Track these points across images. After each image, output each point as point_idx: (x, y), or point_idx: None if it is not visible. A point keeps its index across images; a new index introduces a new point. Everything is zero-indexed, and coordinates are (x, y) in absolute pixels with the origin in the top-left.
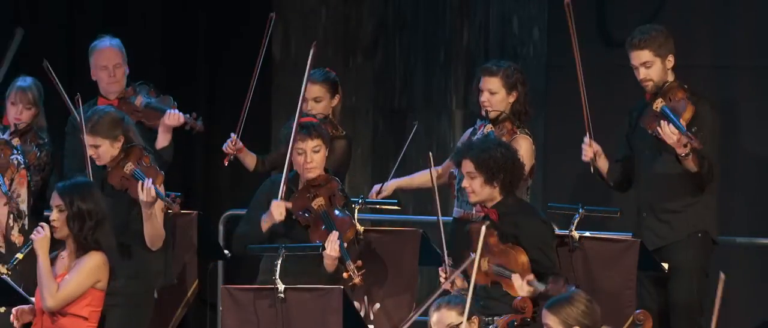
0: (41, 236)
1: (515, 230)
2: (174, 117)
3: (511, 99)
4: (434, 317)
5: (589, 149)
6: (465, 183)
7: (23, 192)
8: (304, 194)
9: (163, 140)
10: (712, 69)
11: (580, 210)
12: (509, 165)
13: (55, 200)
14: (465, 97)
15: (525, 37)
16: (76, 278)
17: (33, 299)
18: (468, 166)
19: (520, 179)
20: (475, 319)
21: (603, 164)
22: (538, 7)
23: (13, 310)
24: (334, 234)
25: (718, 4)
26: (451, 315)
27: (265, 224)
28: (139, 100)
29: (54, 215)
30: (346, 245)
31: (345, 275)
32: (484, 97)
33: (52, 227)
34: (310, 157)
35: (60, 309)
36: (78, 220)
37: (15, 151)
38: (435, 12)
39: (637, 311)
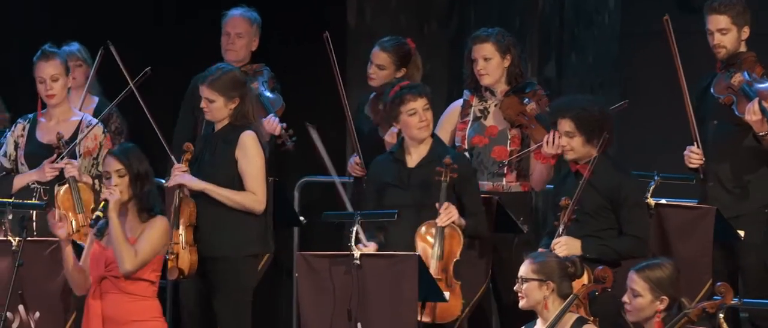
0: (116, 198)
1: (612, 187)
2: (271, 124)
3: (507, 63)
4: (522, 265)
5: (696, 157)
6: (564, 141)
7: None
8: None
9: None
10: None
11: (656, 177)
12: (607, 123)
13: (114, 164)
14: (539, 64)
15: (600, 5)
16: (150, 242)
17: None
18: (567, 125)
19: (612, 137)
20: (552, 283)
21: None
22: None
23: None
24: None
25: None
26: (525, 267)
27: None
28: (255, 87)
29: (115, 180)
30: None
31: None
32: (480, 65)
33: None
34: (424, 116)
35: (134, 273)
36: (139, 182)
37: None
38: None
39: (718, 283)
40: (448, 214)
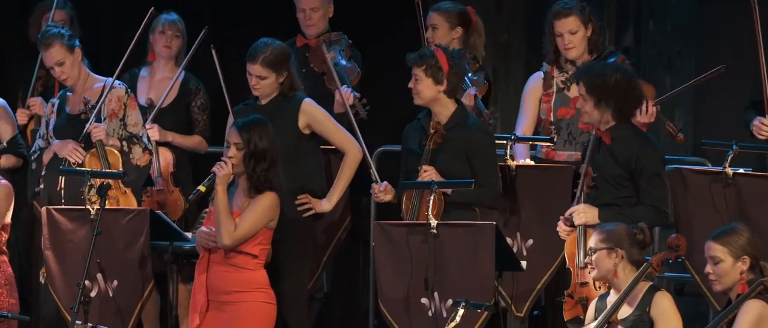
0: (224, 172)
1: (630, 157)
2: (345, 95)
3: (589, 33)
4: (591, 237)
5: (766, 129)
6: (579, 104)
7: (134, 114)
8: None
9: (338, 107)
10: None
11: (734, 147)
12: (621, 91)
13: (234, 137)
14: (617, 33)
15: None
16: (252, 217)
17: (187, 234)
18: (581, 88)
19: (634, 107)
20: (621, 250)
21: None
22: None
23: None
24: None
25: None
26: (593, 238)
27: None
28: (331, 56)
29: (232, 151)
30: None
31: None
32: (566, 39)
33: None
34: (414, 85)
35: (234, 248)
36: (254, 159)
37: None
38: None
39: None
40: (422, 177)
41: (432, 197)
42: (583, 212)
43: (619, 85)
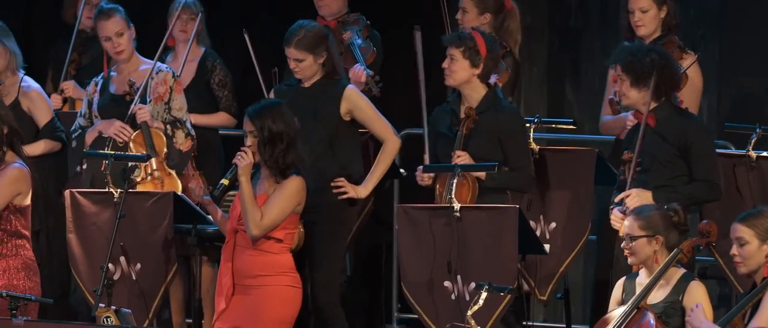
0: (246, 163)
1: (678, 134)
2: (357, 73)
3: (663, 14)
4: (626, 222)
5: None
6: (616, 86)
7: (179, 99)
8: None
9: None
10: None
11: (758, 130)
12: (657, 70)
13: (247, 125)
14: None
15: None
16: (279, 205)
17: (209, 216)
18: (617, 69)
19: (673, 86)
20: (661, 237)
21: None
22: None
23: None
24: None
25: None
26: (631, 224)
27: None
28: (347, 36)
29: (249, 140)
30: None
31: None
32: (637, 16)
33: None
34: (448, 65)
35: (263, 236)
36: (270, 144)
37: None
38: None
39: None
40: (455, 162)
41: (455, 180)
42: (637, 196)
43: (654, 63)
